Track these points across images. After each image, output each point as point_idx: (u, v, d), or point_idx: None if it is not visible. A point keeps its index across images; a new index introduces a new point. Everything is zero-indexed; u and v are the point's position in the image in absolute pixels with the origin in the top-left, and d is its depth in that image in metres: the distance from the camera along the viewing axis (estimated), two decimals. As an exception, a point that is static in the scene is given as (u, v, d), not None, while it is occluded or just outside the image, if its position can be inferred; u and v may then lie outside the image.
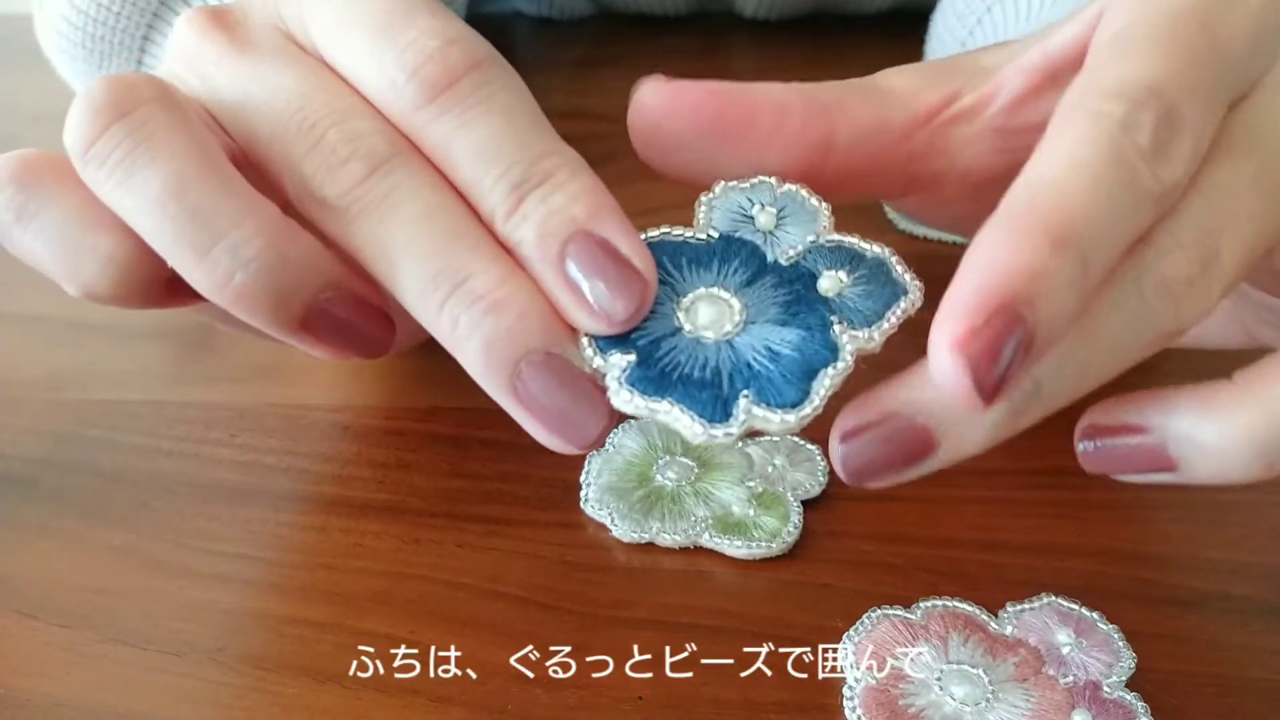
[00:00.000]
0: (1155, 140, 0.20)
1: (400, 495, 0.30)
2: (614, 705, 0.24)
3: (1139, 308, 0.21)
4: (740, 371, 0.22)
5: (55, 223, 0.24)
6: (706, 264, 0.23)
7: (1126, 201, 0.20)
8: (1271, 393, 0.21)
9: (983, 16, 0.43)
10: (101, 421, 0.32)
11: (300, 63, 0.24)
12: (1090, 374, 0.22)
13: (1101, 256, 0.20)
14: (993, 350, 0.19)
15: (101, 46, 0.42)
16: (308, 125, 0.23)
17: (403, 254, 0.22)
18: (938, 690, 0.24)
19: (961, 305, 0.19)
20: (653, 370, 0.22)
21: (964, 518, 0.29)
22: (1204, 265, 0.21)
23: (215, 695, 0.25)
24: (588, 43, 0.60)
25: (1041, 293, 0.19)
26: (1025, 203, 0.20)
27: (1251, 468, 0.21)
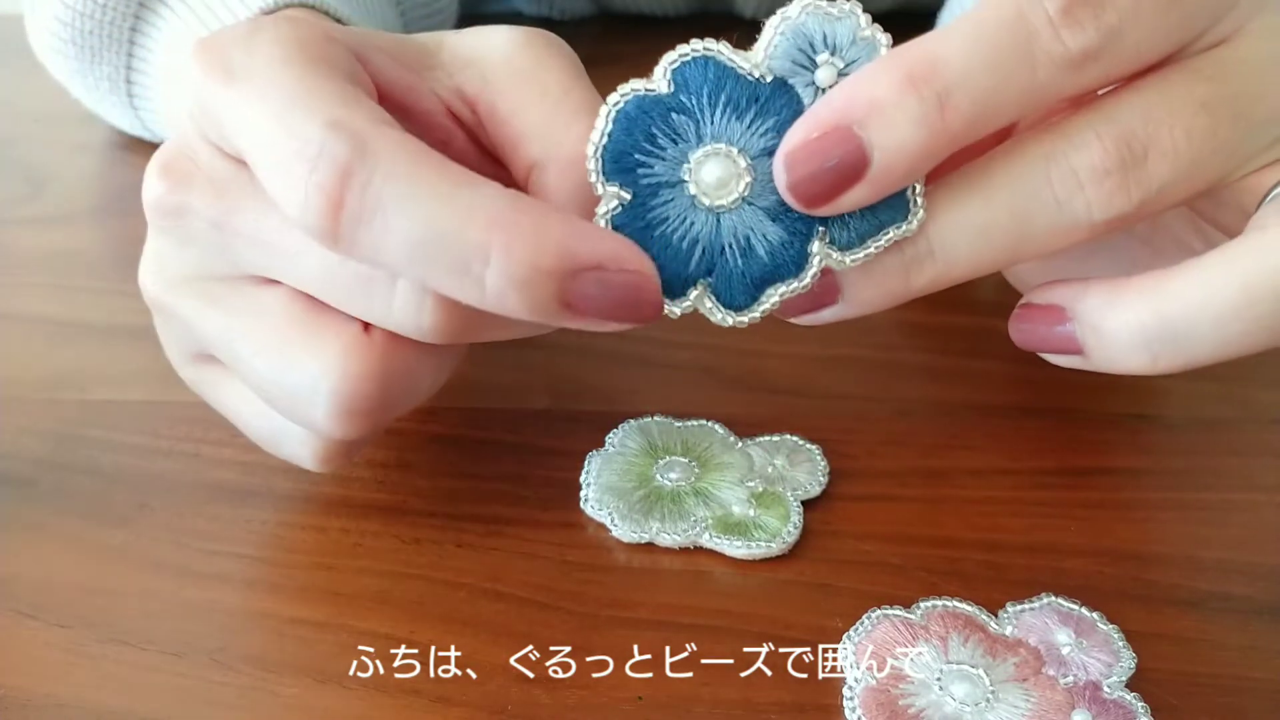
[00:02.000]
0: (1068, 8, 0.21)
1: (400, 495, 0.30)
2: (614, 705, 0.24)
3: (1043, 190, 0.22)
4: (712, 254, 0.23)
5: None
6: (742, 111, 0.23)
7: (1018, 59, 0.21)
8: (1165, 289, 0.22)
9: None
10: (101, 421, 0.32)
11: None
12: (992, 245, 0.23)
13: (969, 103, 0.21)
14: (819, 160, 0.22)
15: (92, 42, 0.42)
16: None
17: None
18: (938, 690, 0.24)
19: (805, 120, 0.22)
20: (640, 220, 0.23)
21: (964, 518, 0.29)
22: (1123, 165, 0.22)
23: (215, 695, 0.25)
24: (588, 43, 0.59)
25: (878, 120, 0.21)
26: (903, 47, 0.22)
27: (1137, 358, 0.23)
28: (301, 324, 0.24)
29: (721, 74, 0.23)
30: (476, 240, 0.21)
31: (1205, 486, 0.31)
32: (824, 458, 0.31)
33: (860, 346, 0.36)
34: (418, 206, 0.21)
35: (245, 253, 0.25)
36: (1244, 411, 0.33)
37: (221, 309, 0.25)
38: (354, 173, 0.21)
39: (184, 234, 0.25)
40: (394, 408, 0.25)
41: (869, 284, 0.24)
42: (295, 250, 0.24)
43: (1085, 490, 0.30)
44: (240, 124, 0.23)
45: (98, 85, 0.44)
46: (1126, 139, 0.22)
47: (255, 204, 0.24)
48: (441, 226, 0.21)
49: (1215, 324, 0.22)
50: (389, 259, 0.21)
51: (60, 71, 0.45)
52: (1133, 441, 0.32)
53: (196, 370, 0.28)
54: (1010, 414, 0.33)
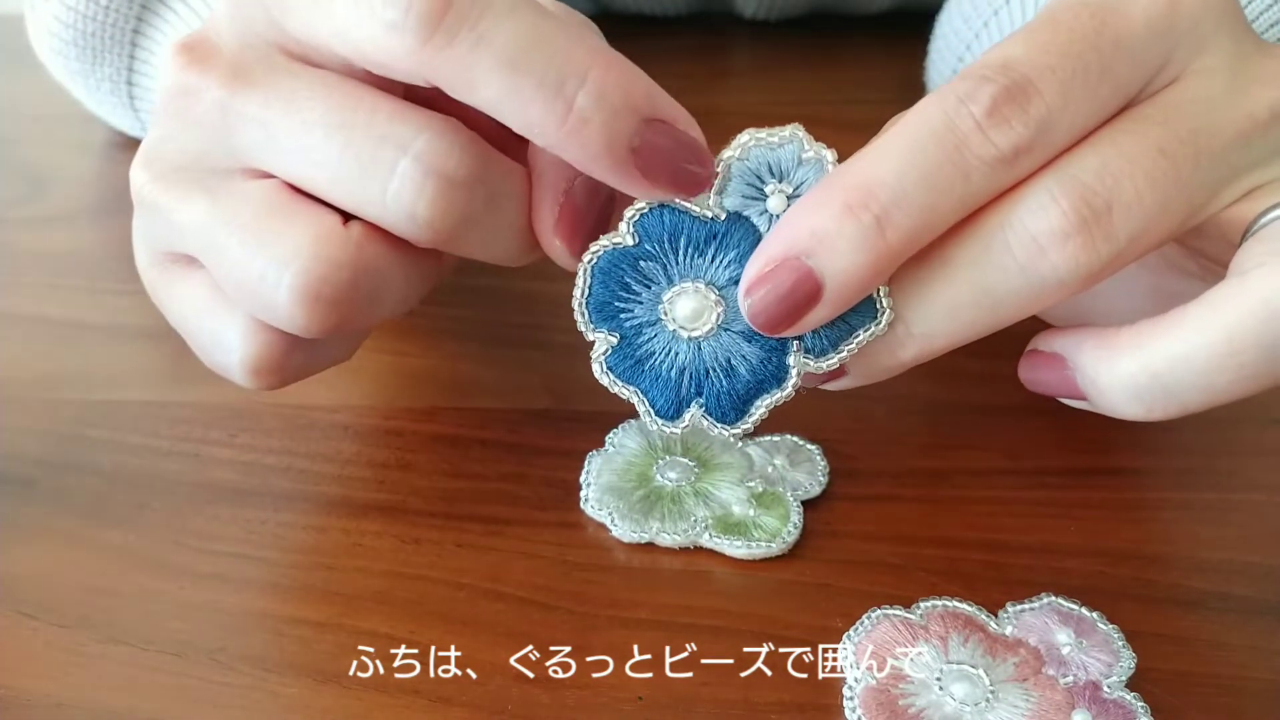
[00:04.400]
0: (992, 108, 0.22)
1: (400, 495, 0.30)
2: (614, 705, 0.24)
3: (1005, 261, 0.23)
4: (699, 378, 0.26)
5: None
6: (703, 249, 0.25)
7: (950, 170, 0.22)
8: (1151, 343, 0.23)
9: (989, 19, 0.43)
10: (101, 421, 0.32)
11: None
12: (963, 319, 0.23)
13: (908, 221, 0.22)
14: (775, 291, 0.23)
15: (94, 43, 0.42)
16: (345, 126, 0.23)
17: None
18: (938, 690, 0.24)
19: (756, 256, 0.23)
20: (629, 357, 0.26)
21: (964, 518, 0.29)
22: (1084, 224, 0.22)
23: (215, 695, 0.25)
24: (588, 43, 0.60)
25: (824, 248, 0.22)
26: (835, 174, 0.23)
27: (1133, 408, 0.23)
28: (282, 209, 0.24)
29: (677, 220, 0.24)
30: (580, 60, 0.22)
31: (1205, 486, 0.31)
32: (824, 458, 0.31)
33: (860, 346, 0.35)
34: (527, 17, 0.22)
35: (246, 135, 0.24)
36: (1244, 411, 0.33)
37: (208, 196, 0.25)
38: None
39: (190, 116, 0.25)
40: (358, 307, 0.24)
41: (865, 364, 0.25)
42: (298, 135, 0.24)
43: (1085, 490, 0.30)
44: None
45: (99, 86, 0.44)
46: (1085, 197, 0.22)
47: (270, 85, 0.24)
48: (549, 37, 0.22)
49: (1201, 376, 0.22)
50: (484, 60, 0.22)
51: (61, 72, 0.45)
52: (1133, 441, 0.32)
53: (160, 271, 0.28)
54: (1010, 414, 0.33)
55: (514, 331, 0.36)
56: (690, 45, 0.58)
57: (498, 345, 0.36)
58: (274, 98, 0.24)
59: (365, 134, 0.23)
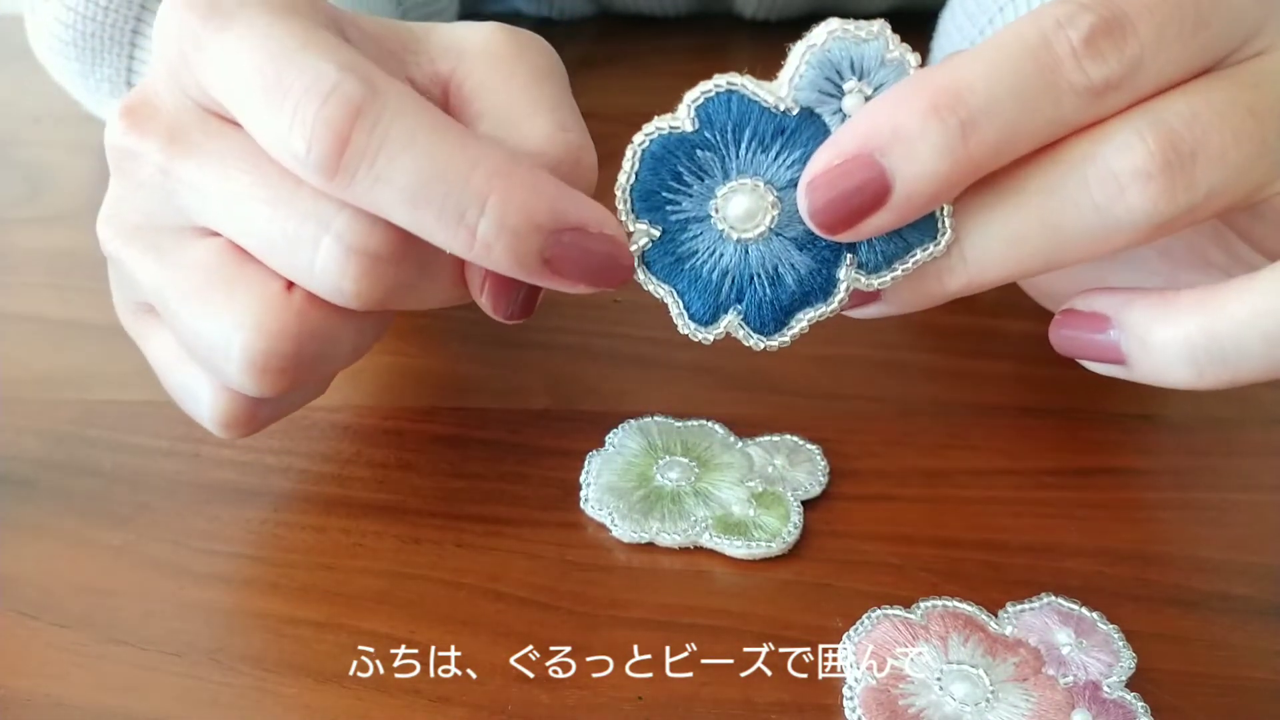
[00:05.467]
0: (1090, 38, 0.21)
1: (400, 495, 0.30)
2: (614, 705, 0.24)
3: (1079, 196, 0.22)
4: (741, 283, 0.24)
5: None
6: (768, 145, 0.23)
7: (1041, 88, 0.21)
8: (1216, 305, 0.22)
9: (994, 16, 0.43)
10: (101, 421, 0.32)
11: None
12: (1024, 253, 0.22)
13: (993, 132, 0.21)
14: (841, 187, 0.22)
15: (94, 44, 0.42)
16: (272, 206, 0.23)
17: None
18: (938, 690, 0.24)
19: (827, 147, 0.22)
20: (670, 254, 0.24)
21: (964, 518, 0.29)
22: (1168, 167, 0.21)
23: (215, 695, 0.25)
24: (588, 43, 0.60)
25: (902, 148, 0.21)
26: (924, 73, 0.22)
27: (1183, 372, 0.23)
28: (226, 276, 0.24)
29: (745, 109, 0.23)
30: (477, 187, 0.21)
31: (1206, 486, 0.31)
32: (824, 458, 0.31)
33: (861, 346, 0.36)
34: (423, 149, 0.21)
35: (187, 199, 0.25)
36: (1244, 411, 0.33)
37: (158, 258, 0.25)
38: (365, 111, 0.21)
39: (136, 178, 0.25)
40: (307, 369, 0.25)
41: (906, 287, 0.24)
42: (232, 201, 0.24)
43: (1085, 490, 0.30)
44: (234, 65, 0.23)
45: (98, 87, 0.44)
46: (1172, 140, 0.21)
47: (205, 150, 0.24)
48: (444, 170, 0.21)
49: (1265, 343, 0.22)
50: (384, 198, 0.22)
51: (60, 73, 0.45)
52: (1133, 441, 0.32)
53: (135, 320, 0.28)
54: (1010, 414, 0.33)
55: (514, 331, 0.36)
56: (690, 45, 0.58)
57: (498, 345, 0.36)
58: (208, 165, 0.24)
59: (289, 209, 0.23)
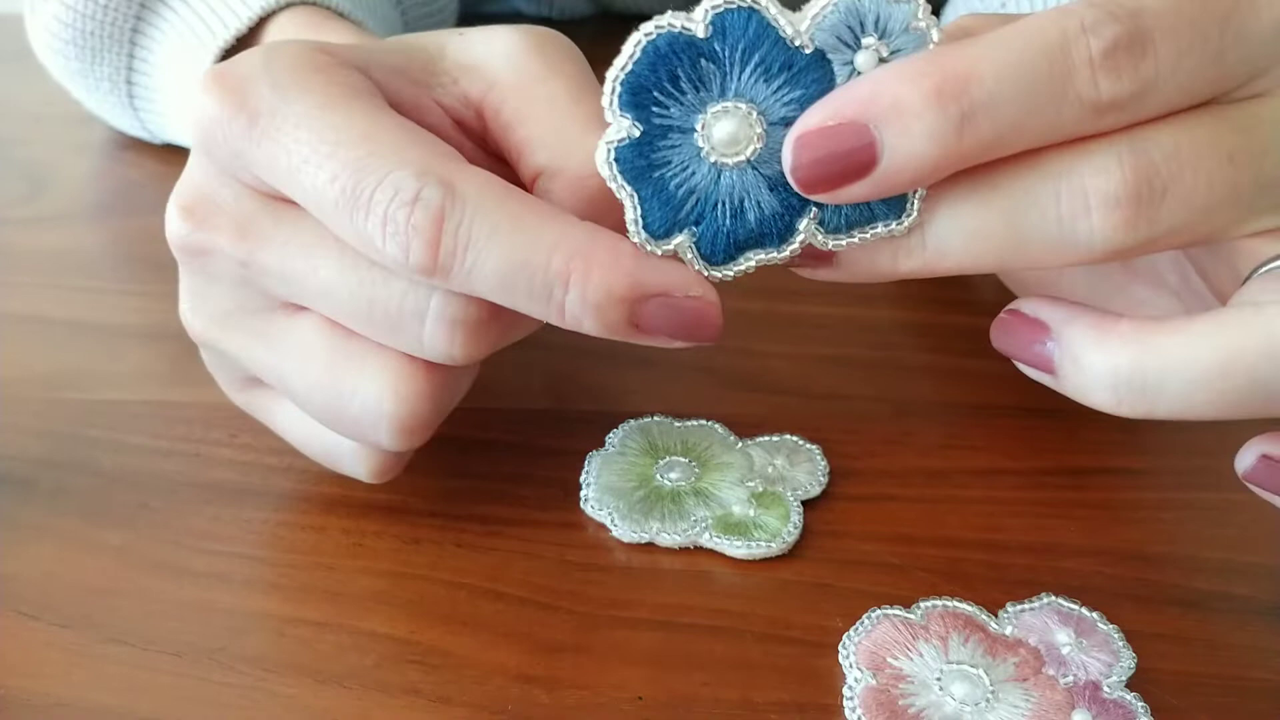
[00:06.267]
0: (1110, 52, 0.21)
1: (400, 495, 0.30)
2: (614, 706, 0.24)
3: (1048, 206, 0.22)
4: (703, 207, 0.23)
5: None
6: (772, 75, 0.22)
7: (1049, 94, 0.21)
8: (1149, 341, 0.22)
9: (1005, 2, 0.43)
10: (101, 421, 0.32)
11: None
12: (983, 249, 0.23)
13: (990, 129, 0.21)
14: (829, 149, 0.22)
15: (93, 43, 0.42)
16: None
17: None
18: (938, 690, 0.24)
19: (824, 104, 0.22)
20: (643, 158, 0.23)
21: (964, 518, 0.29)
22: (1138, 199, 0.22)
23: (215, 695, 0.25)
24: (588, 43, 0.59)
25: (898, 124, 0.21)
26: (938, 52, 0.22)
27: (1103, 396, 0.23)
28: (345, 354, 0.25)
29: (762, 31, 0.22)
30: (558, 269, 0.22)
31: (1205, 486, 0.31)
32: (824, 458, 0.31)
33: (860, 346, 0.36)
34: (507, 241, 0.22)
35: (275, 288, 0.25)
36: (1244, 411, 0.33)
37: (265, 345, 0.26)
38: (449, 215, 0.22)
39: (212, 272, 0.26)
40: (444, 412, 0.26)
41: (861, 257, 0.24)
42: (323, 287, 0.24)
43: (1085, 490, 0.30)
44: (300, 173, 0.23)
45: (98, 86, 0.44)
46: (1148, 173, 0.22)
47: (281, 240, 0.25)
48: (527, 258, 0.22)
49: (1187, 386, 0.22)
50: (480, 288, 0.23)
51: (60, 72, 0.45)
52: (1133, 441, 0.32)
53: (249, 396, 0.29)
54: (1010, 414, 0.33)
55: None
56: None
57: (498, 345, 0.36)
58: (289, 254, 0.25)
59: (387, 291, 0.24)
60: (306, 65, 0.24)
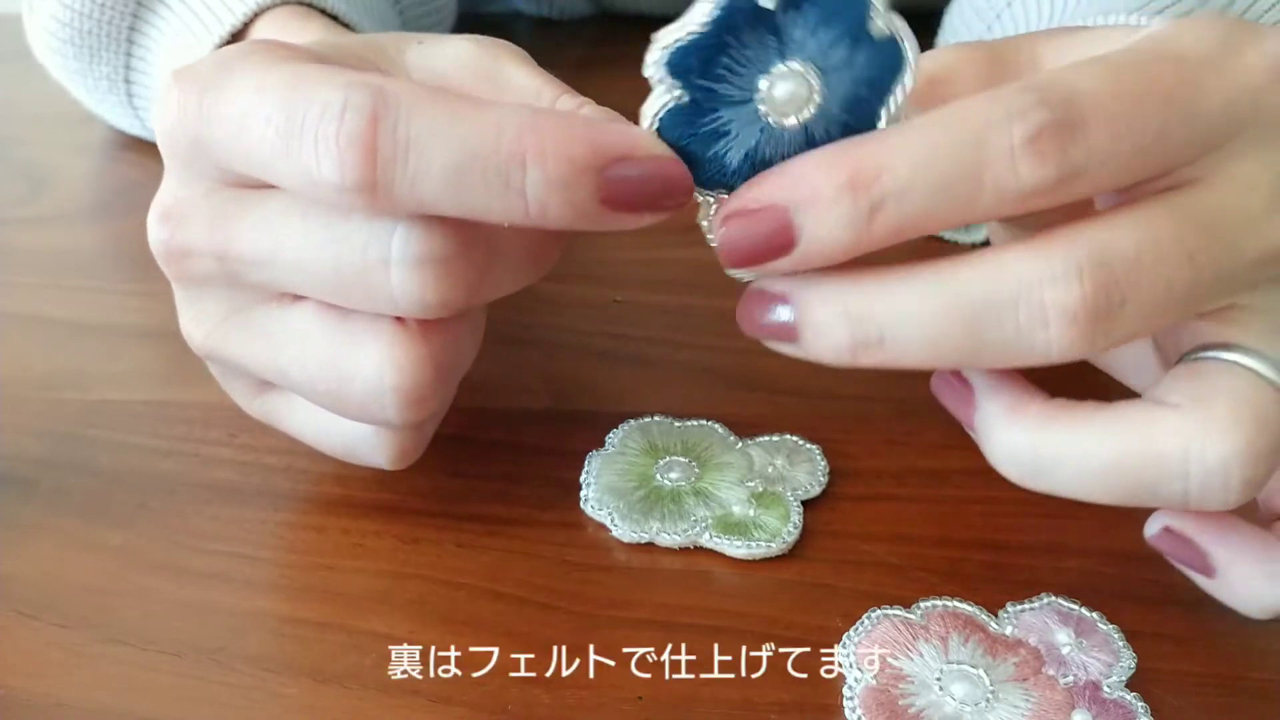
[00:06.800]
0: (1035, 139, 0.21)
1: (400, 495, 0.30)
2: (614, 705, 0.24)
3: (1006, 316, 0.22)
4: (728, 175, 0.23)
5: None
6: (849, 59, 0.22)
7: (963, 183, 0.21)
8: (1050, 428, 0.23)
9: (1002, 11, 0.43)
10: (101, 421, 0.32)
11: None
12: (940, 352, 0.23)
13: (899, 216, 0.21)
14: (751, 231, 0.22)
15: (90, 41, 0.42)
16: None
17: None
18: (937, 690, 0.24)
19: (745, 190, 0.23)
20: (686, 128, 0.23)
21: (964, 518, 0.29)
22: (1096, 315, 0.21)
23: (215, 695, 0.25)
24: (587, 43, 0.60)
25: (812, 211, 0.22)
26: (855, 140, 0.22)
27: (1008, 470, 0.24)
28: (341, 336, 0.25)
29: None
30: (510, 151, 0.21)
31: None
32: (824, 458, 0.31)
33: (860, 346, 0.35)
34: (448, 132, 0.21)
35: (254, 275, 0.25)
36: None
37: (263, 341, 0.26)
38: (381, 115, 0.21)
39: (197, 276, 0.26)
40: (452, 379, 0.26)
41: (822, 344, 0.23)
42: (294, 260, 0.24)
43: (1085, 490, 0.30)
44: (243, 124, 0.23)
45: (97, 85, 0.44)
46: (1109, 285, 0.21)
47: (249, 223, 0.24)
48: (475, 146, 0.21)
49: (1076, 478, 0.23)
50: (430, 193, 0.22)
51: (59, 71, 0.45)
52: (1133, 441, 0.32)
53: (263, 403, 0.29)
54: (1010, 414, 0.33)
55: (514, 331, 0.36)
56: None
57: (498, 345, 0.36)
58: (257, 236, 0.24)
59: (348, 246, 0.23)
60: (257, 49, 0.24)
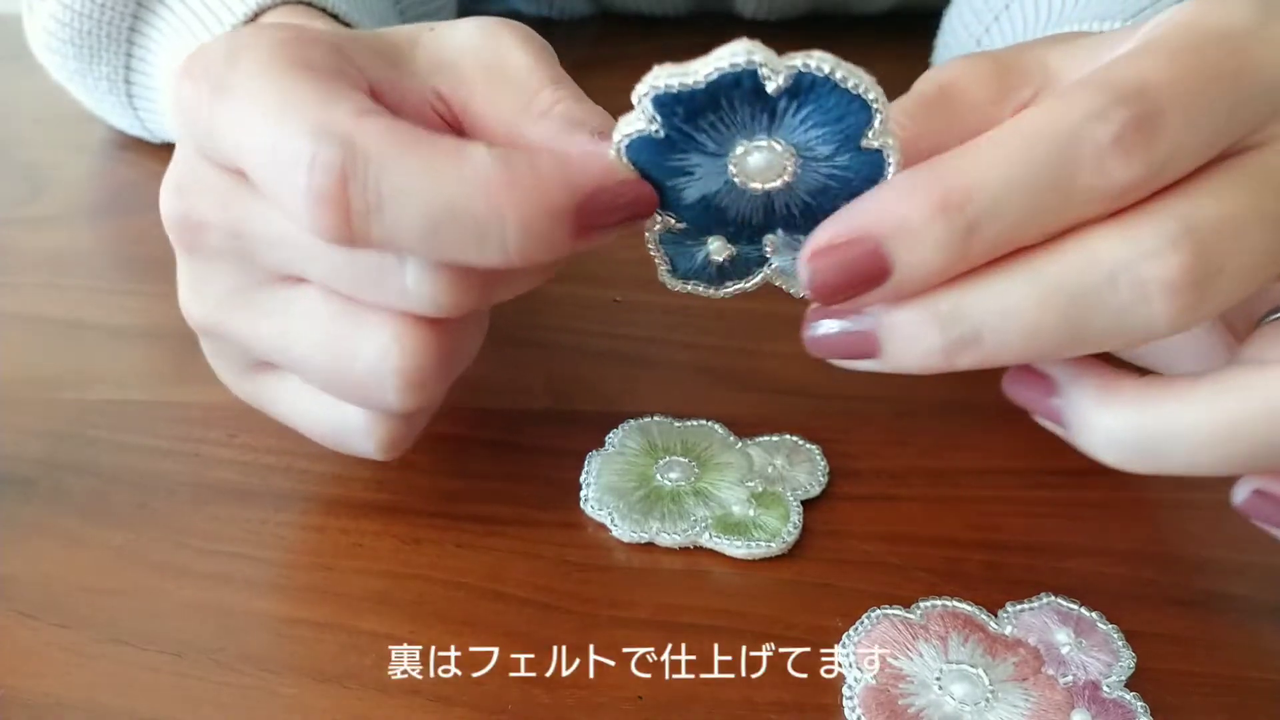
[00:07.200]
0: (1120, 137, 0.21)
1: (400, 495, 0.30)
2: (614, 705, 0.24)
3: (1106, 296, 0.21)
4: (681, 208, 0.24)
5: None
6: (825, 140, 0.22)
7: (1056, 191, 0.21)
8: (1152, 404, 0.22)
9: (1000, 14, 0.43)
10: (101, 421, 0.32)
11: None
12: (1040, 343, 0.22)
13: (996, 233, 0.21)
14: (843, 265, 0.22)
15: (90, 42, 0.42)
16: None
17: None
18: (937, 690, 0.24)
19: (831, 224, 0.22)
20: (653, 156, 0.23)
21: (964, 517, 0.29)
22: (1196, 283, 0.21)
23: (215, 695, 0.25)
24: (587, 43, 0.60)
25: (905, 240, 0.21)
26: (935, 162, 0.22)
27: (1111, 455, 0.23)
28: (347, 315, 0.25)
29: (839, 107, 0.22)
30: (485, 208, 0.21)
31: (1206, 486, 0.30)
32: (823, 457, 0.31)
33: (860, 346, 0.35)
34: (421, 188, 0.21)
35: (267, 255, 0.25)
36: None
37: (267, 319, 0.26)
38: (350, 175, 0.21)
39: (208, 250, 0.26)
40: (453, 370, 0.26)
41: (910, 352, 0.23)
42: (309, 245, 0.24)
43: (1085, 490, 0.30)
44: (232, 137, 0.23)
45: (96, 85, 0.44)
46: (1203, 254, 0.21)
47: (263, 207, 0.24)
48: (450, 203, 0.21)
49: (1192, 450, 0.22)
50: (408, 244, 0.22)
51: (59, 72, 0.45)
52: (1132, 441, 0.32)
53: (253, 383, 0.28)
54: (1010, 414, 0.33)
55: (514, 331, 0.36)
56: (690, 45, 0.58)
57: (498, 345, 0.36)
58: (273, 216, 0.24)
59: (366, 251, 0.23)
60: (267, 39, 0.24)
